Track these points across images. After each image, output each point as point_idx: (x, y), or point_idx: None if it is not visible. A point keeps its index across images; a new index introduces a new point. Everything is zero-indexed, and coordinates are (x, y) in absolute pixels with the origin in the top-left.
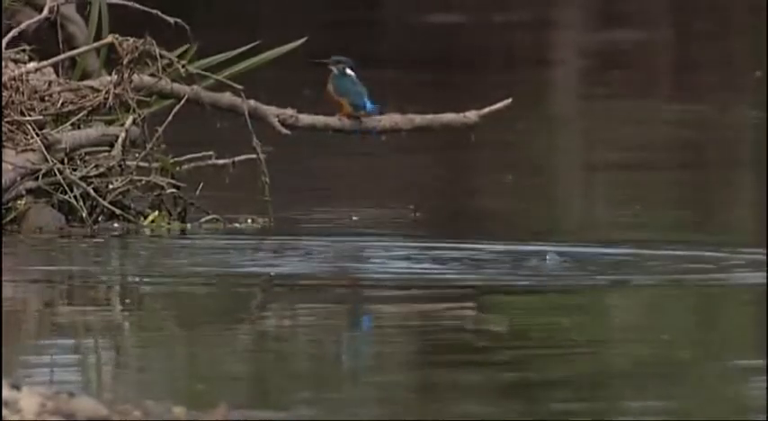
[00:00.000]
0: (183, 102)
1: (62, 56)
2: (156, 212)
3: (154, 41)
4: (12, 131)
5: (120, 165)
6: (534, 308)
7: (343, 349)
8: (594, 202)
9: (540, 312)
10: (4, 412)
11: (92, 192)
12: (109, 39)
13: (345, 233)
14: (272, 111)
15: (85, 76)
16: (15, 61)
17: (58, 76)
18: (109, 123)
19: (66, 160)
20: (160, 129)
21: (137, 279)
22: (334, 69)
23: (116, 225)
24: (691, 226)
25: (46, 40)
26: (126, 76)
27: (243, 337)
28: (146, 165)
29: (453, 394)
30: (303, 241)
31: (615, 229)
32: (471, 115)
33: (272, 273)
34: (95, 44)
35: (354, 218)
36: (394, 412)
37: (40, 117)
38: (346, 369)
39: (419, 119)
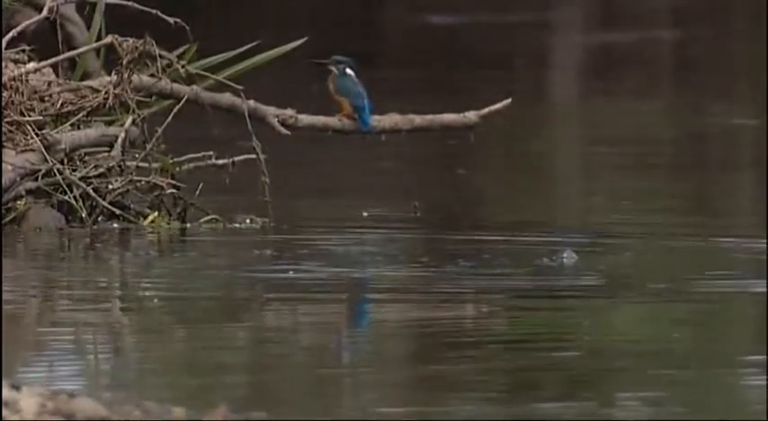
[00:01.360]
0: (182, 102)
1: (62, 56)
2: (156, 213)
3: (154, 42)
4: (11, 132)
5: (119, 166)
6: (536, 306)
7: (344, 349)
8: (595, 201)
9: (542, 311)
10: (4, 412)
11: (91, 192)
12: (109, 39)
13: (347, 232)
14: (271, 112)
15: (85, 76)
16: (15, 61)
17: (57, 76)
18: (108, 124)
19: (65, 160)
20: (160, 130)
21: (137, 279)
22: (335, 69)
23: (116, 225)
24: (690, 224)
25: (46, 40)
26: (126, 76)
27: (244, 337)
28: (145, 165)
29: (453, 393)
30: (304, 241)
31: (615, 228)
32: (471, 115)
33: (291, 272)
34: (95, 44)
35: (365, 214)
36: (393, 411)
37: (40, 117)
38: (346, 369)
39: (419, 119)
